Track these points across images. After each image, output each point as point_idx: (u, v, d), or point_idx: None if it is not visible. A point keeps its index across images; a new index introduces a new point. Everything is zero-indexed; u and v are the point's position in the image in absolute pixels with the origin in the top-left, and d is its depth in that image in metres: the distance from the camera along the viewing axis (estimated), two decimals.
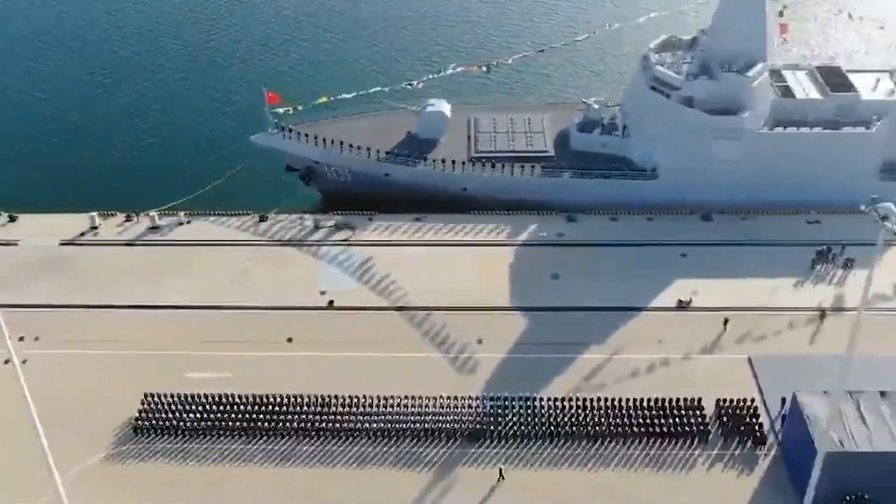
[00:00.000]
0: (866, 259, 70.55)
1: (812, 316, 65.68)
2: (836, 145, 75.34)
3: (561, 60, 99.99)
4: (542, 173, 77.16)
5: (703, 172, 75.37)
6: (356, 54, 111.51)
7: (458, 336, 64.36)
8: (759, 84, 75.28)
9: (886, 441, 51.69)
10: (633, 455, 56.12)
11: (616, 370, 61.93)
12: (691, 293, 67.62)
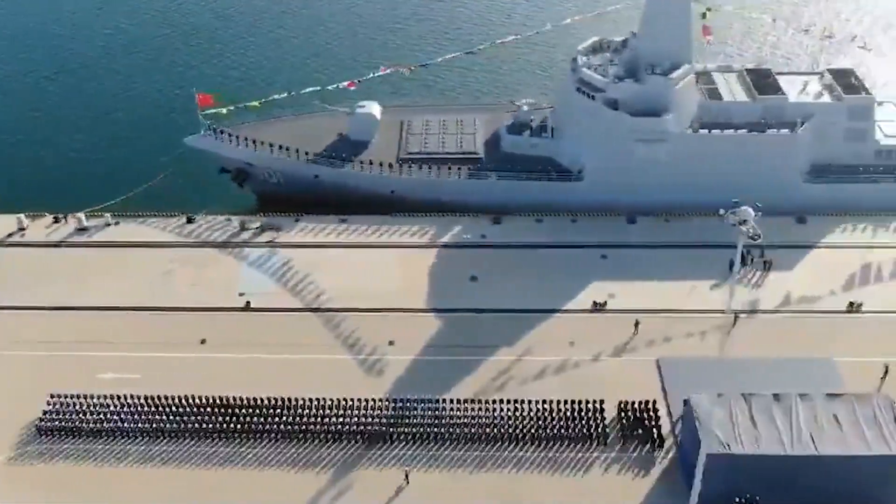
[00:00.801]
0: (785, 261, 71.34)
1: (724, 319, 65.82)
2: (761, 148, 75.43)
3: (498, 61, 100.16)
4: (469, 175, 77.38)
5: (628, 174, 75.49)
6: (289, 56, 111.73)
7: (371, 338, 64.59)
8: (684, 86, 75.39)
9: (773, 444, 51.93)
10: (532, 457, 56.24)
11: (524, 372, 62.16)
12: (607, 295, 67.84)
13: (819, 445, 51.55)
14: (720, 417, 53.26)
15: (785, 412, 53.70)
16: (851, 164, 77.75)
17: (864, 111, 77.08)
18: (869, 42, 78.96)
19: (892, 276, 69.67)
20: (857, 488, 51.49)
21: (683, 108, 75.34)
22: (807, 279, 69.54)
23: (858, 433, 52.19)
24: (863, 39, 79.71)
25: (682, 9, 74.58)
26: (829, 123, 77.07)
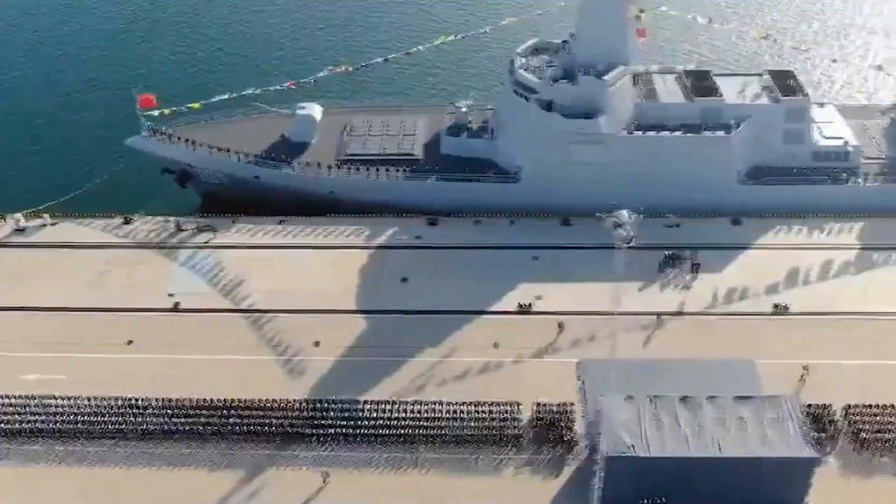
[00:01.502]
0: (716, 263, 71.44)
1: (649, 320, 66.08)
2: (695, 149, 75.43)
3: (444, 61, 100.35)
4: (407, 176, 77.59)
5: (563, 176, 75.53)
6: (231, 57, 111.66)
7: (296, 339, 64.78)
8: (619, 87, 75.49)
9: (677, 445, 52.10)
10: (445, 458, 56.24)
11: (445, 373, 62.28)
12: (534, 297, 67.99)
13: (722, 447, 51.77)
14: (626, 419, 53.50)
15: (692, 414, 53.91)
16: (790, 165, 77.82)
17: (801, 113, 77.15)
18: (806, 43, 78.76)
19: (821, 278, 69.75)
20: (759, 490, 51.66)
21: (618, 109, 75.42)
22: (735, 281, 69.60)
23: (762, 435, 52.38)
24: (801, 41, 79.55)
25: (615, 10, 74.70)
26: (767, 125, 77.18)
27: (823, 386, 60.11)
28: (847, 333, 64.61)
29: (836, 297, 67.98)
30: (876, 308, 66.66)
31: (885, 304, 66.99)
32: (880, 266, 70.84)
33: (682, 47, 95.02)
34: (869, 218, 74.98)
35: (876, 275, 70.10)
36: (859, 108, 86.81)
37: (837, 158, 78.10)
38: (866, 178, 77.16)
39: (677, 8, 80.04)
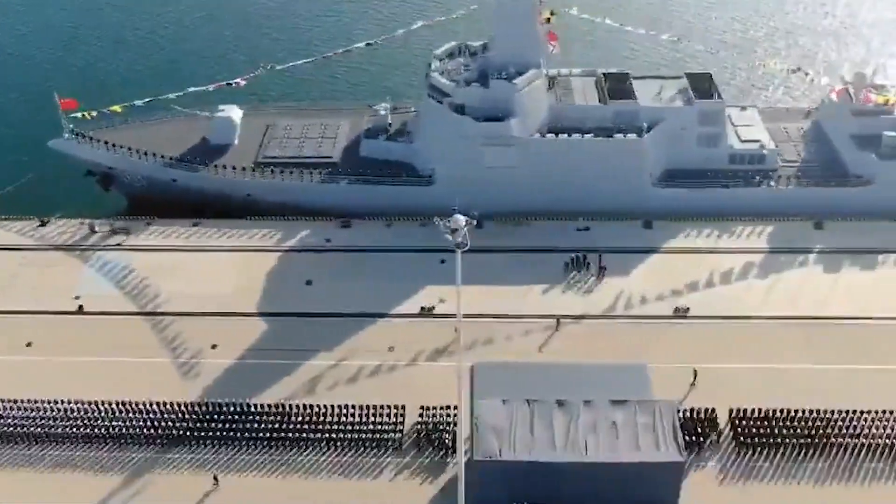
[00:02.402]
0: (623, 266, 71.48)
1: (549, 323, 66.12)
2: (608, 152, 75.47)
3: (371, 63, 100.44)
4: (321, 179, 77.74)
5: (476, 179, 75.40)
6: (153, 59, 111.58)
7: (195, 341, 65.05)
8: (531, 90, 75.55)
9: (545, 450, 51.95)
10: (328, 461, 56.57)
11: (338, 376, 62.54)
12: (438, 300, 68.10)
13: (590, 452, 51.63)
14: (499, 423, 53.42)
15: (565, 418, 53.62)
16: (706, 168, 77.86)
17: (716, 116, 77.16)
18: (728, 46, 78.70)
19: (724, 281, 69.76)
20: (628, 494, 51.45)
21: (530, 112, 75.47)
22: (640, 284, 69.66)
23: (632, 439, 52.07)
24: (715, 44, 79.42)
25: (526, 14, 74.88)
26: (681, 128, 77.21)
27: (713, 389, 60.17)
28: (744, 337, 64.66)
29: (738, 300, 67.98)
30: (775, 312, 66.66)
31: (784, 307, 66.98)
32: (785, 269, 70.72)
33: (612, 50, 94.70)
34: (780, 221, 74.98)
35: (780, 278, 70.03)
36: (783, 112, 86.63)
37: (753, 161, 78.17)
38: (779, 181, 77.32)
39: (587, 11, 79.96)
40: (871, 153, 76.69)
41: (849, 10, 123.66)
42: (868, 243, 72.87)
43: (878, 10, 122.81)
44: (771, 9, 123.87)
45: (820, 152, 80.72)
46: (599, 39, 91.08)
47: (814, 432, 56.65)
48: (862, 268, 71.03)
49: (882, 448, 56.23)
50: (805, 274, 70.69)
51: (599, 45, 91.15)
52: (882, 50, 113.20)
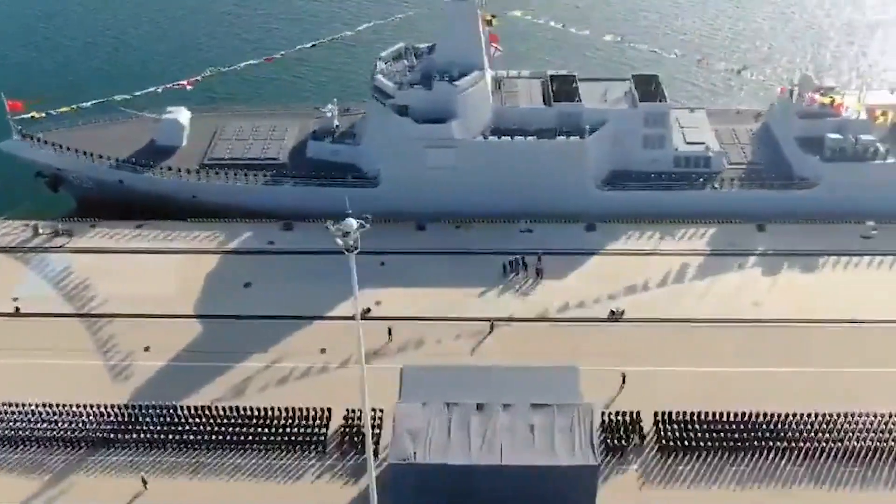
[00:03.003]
0: (562, 269, 71.37)
1: (482, 326, 65.95)
2: (550, 155, 75.43)
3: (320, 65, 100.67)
4: (264, 181, 77.71)
5: (420, 181, 75.64)
6: (103, 61, 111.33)
7: (128, 343, 65.00)
8: (473, 92, 75.46)
9: (460, 453, 51.89)
10: (251, 464, 56.47)
11: (268, 378, 62.46)
12: (374, 302, 68.06)
13: (505, 455, 51.61)
14: (417, 426, 53.45)
15: (483, 422, 53.70)
16: (651, 170, 77.88)
17: (660, 118, 76.96)
18: (668, 47, 78.52)
19: (661, 283, 69.62)
20: (543, 498, 51.47)
21: (472, 114, 75.39)
22: (577, 287, 69.54)
23: (548, 443, 52.16)
24: (668, 46, 79.22)
25: (468, 16, 74.87)
26: (626, 130, 77.19)
27: (642, 392, 60.12)
28: (677, 340, 64.53)
29: (674, 303, 67.91)
30: (711, 314, 66.40)
31: (720, 310, 66.78)
32: (724, 272, 70.63)
33: (574, 54, 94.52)
34: (722, 224, 74.93)
35: (718, 280, 69.90)
36: (734, 114, 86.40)
37: (698, 164, 78.10)
38: (723, 184, 77.19)
39: (530, 13, 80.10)
40: (815, 156, 76.69)
41: (803, 12, 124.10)
42: (809, 245, 72.75)
43: (833, 14, 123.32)
44: (730, 12, 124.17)
45: (767, 154, 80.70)
46: (561, 43, 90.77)
47: (736, 435, 56.49)
48: (802, 270, 70.94)
49: (805, 452, 55.99)
50: (743, 276, 70.59)
51: (561, 49, 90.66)
52: (839, 52, 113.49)
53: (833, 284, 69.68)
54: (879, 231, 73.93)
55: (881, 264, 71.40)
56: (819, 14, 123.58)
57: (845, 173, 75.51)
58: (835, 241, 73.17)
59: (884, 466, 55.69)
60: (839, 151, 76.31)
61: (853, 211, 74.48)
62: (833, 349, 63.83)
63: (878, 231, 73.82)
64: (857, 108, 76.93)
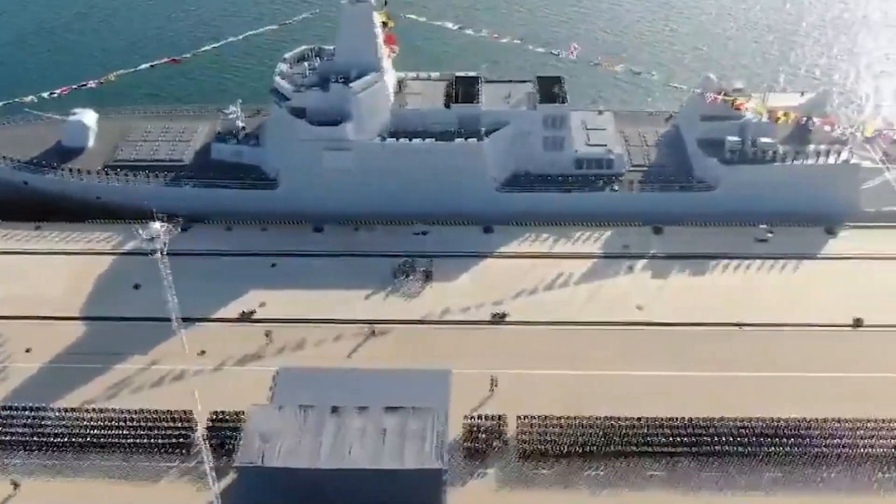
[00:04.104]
0: (452, 272, 71.31)
1: (363, 329, 65.97)
2: (447, 157, 75.32)
3: (227, 65, 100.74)
4: (166, 183, 77.81)
5: (318, 183, 75.69)
6: (9, 62, 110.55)
7: (11, 345, 65.03)
8: (370, 94, 75.38)
9: (309, 457, 52.08)
10: (113, 466, 56.51)
11: (144, 380, 62.58)
12: (258, 304, 68.18)
13: (352, 459, 51.75)
14: (269, 429, 53.60)
15: (336, 425, 53.97)
16: (553, 173, 77.74)
17: (560, 120, 76.86)
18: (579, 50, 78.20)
19: (550, 286, 69.43)
20: (389, 501, 51.67)
21: (369, 116, 75.30)
22: (465, 290, 69.49)
23: (398, 446, 52.40)
24: (570, 47, 78.80)
25: (365, 18, 74.85)
26: (526, 132, 77.10)
27: (513, 396, 60.07)
28: (556, 343, 64.40)
29: (559, 306, 67.80)
30: (595, 317, 66.32)
31: (604, 313, 66.66)
32: (614, 275, 70.53)
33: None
34: (619, 226, 74.77)
35: (605, 283, 69.78)
36: (646, 116, 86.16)
37: (600, 166, 77.96)
38: (622, 186, 77.04)
39: (425, 15, 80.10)
40: (715, 158, 76.47)
41: (719, 14, 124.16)
42: (703, 249, 72.65)
43: (748, 16, 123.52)
44: (651, 14, 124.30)
45: (672, 156, 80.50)
46: (483, 45, 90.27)
47: (595, 440, 56.32)
48: (692, 273, 70.77)
49: (665, 455, 55.87)
50: (632, 279, 70.47)
51: (486, 51, 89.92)
52: (750, 54, 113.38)
53: (721, 287, 69.48)
54: (776, 233, 73.97)
55: (772, 267, 71.43)
56: (735, 15, 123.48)
57: (743, 176, 75.33)
58: (729, 244, 73.07)
59: (752, 471, 55.59)
60: (738, 154, 76.11)
61: (752, 213, 74.33)
62: (712, 352, 63.58)
63: (775, 234, 73.84)
64: (758, 111, 76.62)
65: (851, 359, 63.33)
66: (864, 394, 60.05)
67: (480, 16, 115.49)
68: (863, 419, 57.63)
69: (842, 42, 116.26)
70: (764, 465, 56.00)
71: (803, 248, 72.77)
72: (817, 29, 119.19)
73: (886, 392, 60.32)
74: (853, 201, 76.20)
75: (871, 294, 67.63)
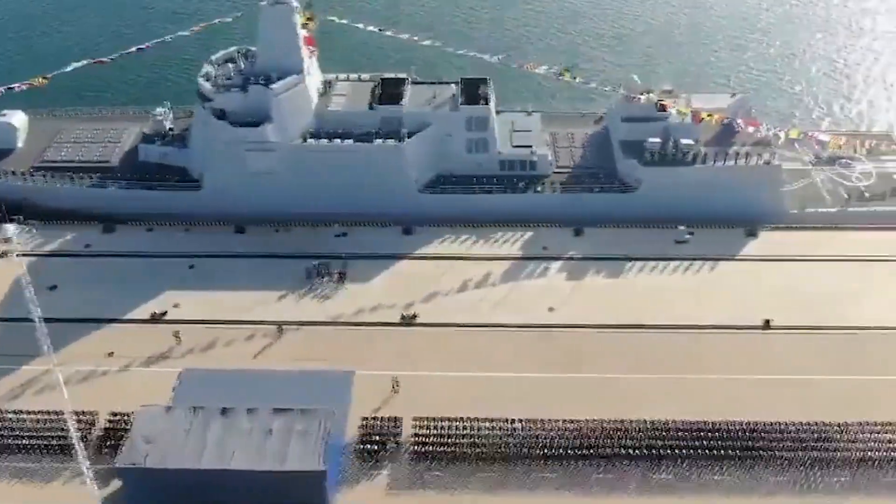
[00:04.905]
0: (367, 273, 71.35)
1: (273, 329, 66.08)
2: (368, 158, 75.37)
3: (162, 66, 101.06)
4: (90, 184, 77.92)
5: (241, 184, 75.79)
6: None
7: None
8: (292, 95, 75.36)
9: (192, 457, 52.25)
10: (10, 467, 56.80)
11: (49, 381, 62.28)
12: (172, 305, 68.26)
13: (234, 460, 51.93)
14: (154, 431, 53.77)
15: (224, 426, 54.12)
16: (477, 174, 77.61)
17: (482, 121, 76.83)
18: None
19: (463, 288, 69.36)
20: (272, 502, 51.89)
21: (290, 117, 75.30)
22: (378, 291, 69.54)
23: (282, 448, 52.53)
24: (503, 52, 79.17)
25: (285, 20, 74.88)
26: (449, 134, 77.12)
27: (413, 398, 60.07)
28: (461, 345, 64.35)
29: (470, 307, 67.77)
30: (500, 319, 66.29)
31: (512, 315, 66.61)
32: (528, 277, 70.50)
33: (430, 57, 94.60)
34: (540, 227, 74.70)
35: (520, 285, 69.75)
36: (578, 117, 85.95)
37: (524, 167, 77.99)
38: (545, 188, 77.04)
39: (346, 17, 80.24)
40: (636, 159, 76.43)
41: (651, 15, 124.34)
42: (621, 250, 72.56)
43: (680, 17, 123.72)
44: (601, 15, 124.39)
45: (598, 158, 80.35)
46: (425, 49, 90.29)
47: (489, 442, 56.36)
48: (607, 275, 70.73)
49: (559, 458, 55.89)
50: (547, 281, 70.38)
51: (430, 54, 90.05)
52: (680, 55, 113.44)
53: (634, 289, 69.47)
54: (697, 235, 73.83)
55: (688, 269, 71.33)
56: (666, 16, 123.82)
57: (664, 177, 75.23)
58: (648, 246, 72.94)
59: (644, 474, 55.58)
60: (658, 155, 76.09)
61: (672, 215, 74.09)
62: (619, 354, 63.66)
63: (695, 235, 73.71)
64: (681, 112, 76.57)
65: (758, 361, 63.34)
66: (770, 396, 60.17)
67: (423, 18, 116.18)
68: (761, 422, 57.47)
69: (777, 45, 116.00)
70: (657, 466, 55.99)
71: (721, 250, 72.67)
72: (758, 31, 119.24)
73: (790, 395, 60.46)
74: (776, 203, 76.10)
75: (782, 296, 67.56)
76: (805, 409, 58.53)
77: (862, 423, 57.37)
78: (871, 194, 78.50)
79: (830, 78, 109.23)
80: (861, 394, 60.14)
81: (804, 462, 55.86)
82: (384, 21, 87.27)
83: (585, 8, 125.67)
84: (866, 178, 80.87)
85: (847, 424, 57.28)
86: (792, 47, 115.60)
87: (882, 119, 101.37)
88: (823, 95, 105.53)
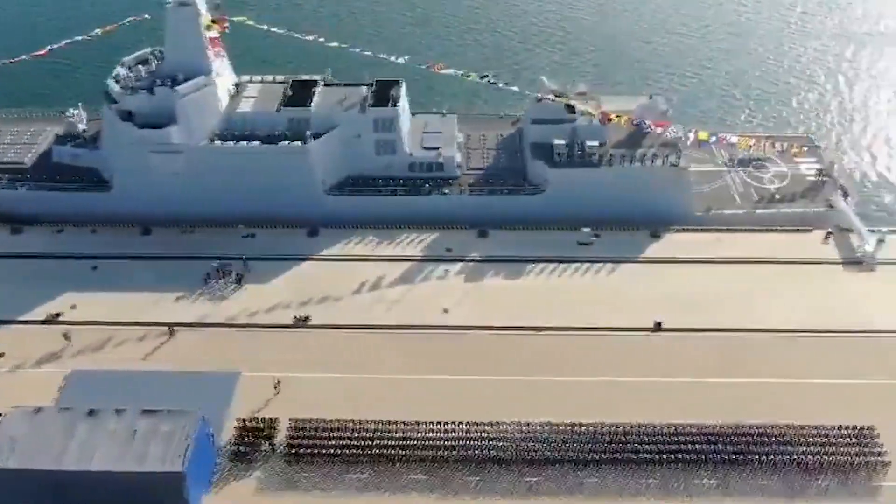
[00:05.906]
0: (266, 275, 71.40)
1: (162, 330, 66.17)
2: (274, 160, 75.38)
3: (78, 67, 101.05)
4: (1, 185, 78.17)
5: (147, 185, 75.93)
6: None
7: None
8: (197, 97, 75.43)
9: (52, 458, 52.14)
10: None
11: None
12: (69, 306, 68.44)
13: (95, 461, 51.99)
14: (20, 432, 53.86)
15: (90, 427, 54.16)
16: (387, 176, 77.77)
17: (389, 123, 76.78)
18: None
19: (359, 290, 69.37)
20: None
21: (196, 119, 75.43)
22: (276, 293, 69.57)
23: (144, 449, 52.54)
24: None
25: (190, 21, 75.02)
26: (357, 135, 77.15)
27: (292, 399, 60.20)
28: (346, 346, 64.52)
29: (361, 309, 67.97)
30: (392, 321, 66.39)
31: (405, 316, 66.73)
32: (426, 278, 70.48)
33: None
34: (445, 229, 74.64)
35: (417, 287, 69.83)
36: (496, 119, 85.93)
37: (432, 169, 78.00)
38: (453, 190, 77.03)
39: (254, 18, 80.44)
40: (543, 161, 76.39)
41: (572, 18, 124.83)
42: (525, 252, 72.56)
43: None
44: None
45: (510, 160, 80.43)
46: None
47: (363, 444, 56.48)
48: (506, 276, 70.73)
49: (426, 460, 56.00)
50: (445, 283, 70.35)
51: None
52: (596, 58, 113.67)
53: (532, 291, 69.42)
54: (602, 237, 73.80)
55: (588, 271, 71.37)
56: (584, 17, 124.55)
57: (570, 179, 75.20)
58: (552, 248, 72.89)
59: (515, 476, 55.50)
60: (565, 157, 76.06)
61: (580, 217, 73.92)
62: (510, 356, 63.69)
63: (600, 237, 73.70)
64: (587, 113, 76.51)
65: (648, 363, 63.41)
66: (663, 397, 60.25)
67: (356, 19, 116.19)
68: (647, 423, 57.59)
69: (698, 49, 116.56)
70: (534, 469, 55.90)
71: (623, 252, 72.63)
72: (675, 34, 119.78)
73: (678, 396, 60.50)
74: (683, 205, 76.03)
75: (673, 297, 67.47)
76: (667, 412, 58.43)
77: (736, 426, 57.28)
78: (782, 196, 78.72)
79: (763, 80, 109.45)
80: (744, 395, 60.12)
81: (668, 463, 55.74)
82: (289, 23, 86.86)
83: (531, 8, 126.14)
84: (780, 179, 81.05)
85: (721, 426, 57.16)
86: (732, 49, 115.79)
87: (804, 122, 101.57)
88: (756, 98, 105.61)
